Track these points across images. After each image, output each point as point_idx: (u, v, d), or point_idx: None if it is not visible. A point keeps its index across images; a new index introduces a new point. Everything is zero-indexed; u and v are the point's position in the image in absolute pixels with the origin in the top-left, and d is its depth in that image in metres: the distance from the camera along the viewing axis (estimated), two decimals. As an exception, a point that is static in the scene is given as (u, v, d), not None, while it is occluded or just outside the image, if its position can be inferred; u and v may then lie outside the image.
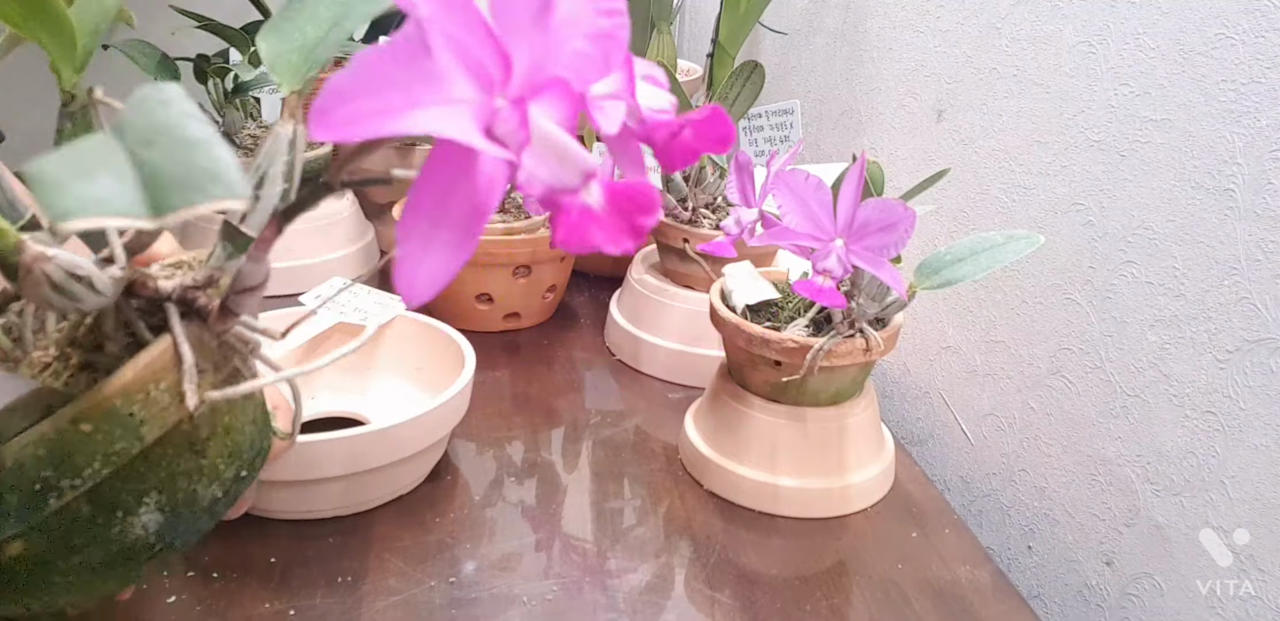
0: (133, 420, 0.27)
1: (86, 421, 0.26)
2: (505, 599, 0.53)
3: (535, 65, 0.20)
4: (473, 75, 0.19)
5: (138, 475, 0.28)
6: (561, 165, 0.21)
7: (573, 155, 0.21)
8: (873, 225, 0.52)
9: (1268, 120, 0.49)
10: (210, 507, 0.31)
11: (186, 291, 0.29)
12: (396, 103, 0.18)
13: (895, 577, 0.57)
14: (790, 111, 0.79)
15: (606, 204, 0.22)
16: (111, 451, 0.27)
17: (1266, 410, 0.50)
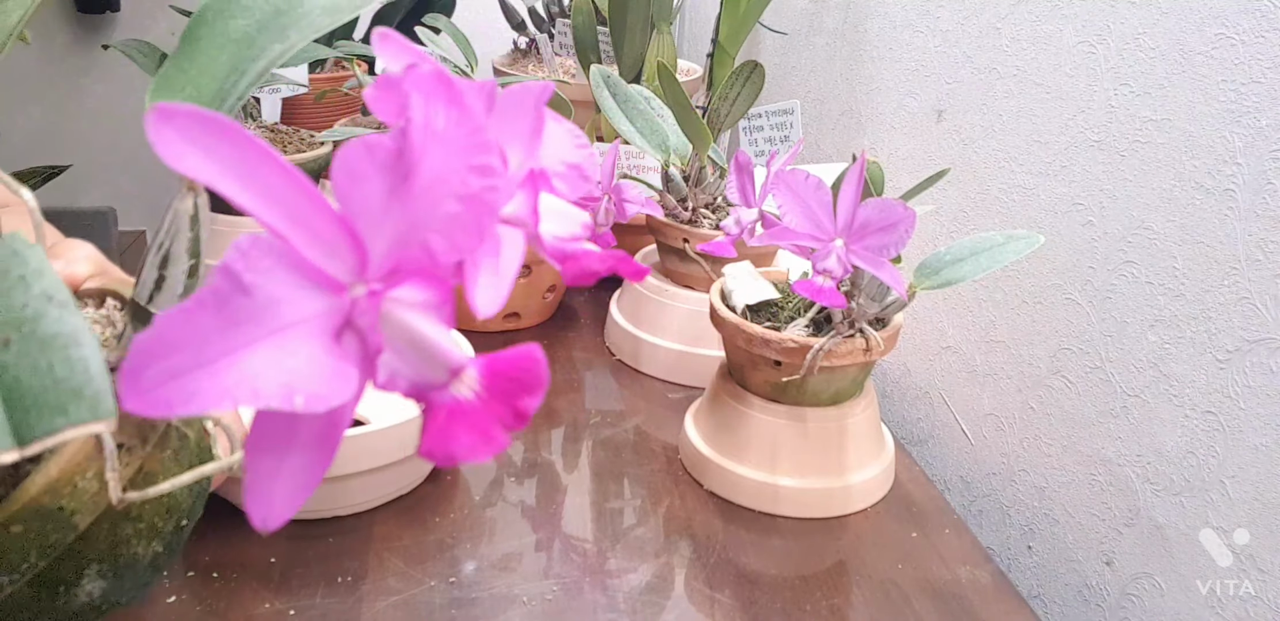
0: (63, 513, 0.26)
1: (17, 523, 0.25)
2: (505, 599, 0.53)
3: (396, 241, 0.18)
4: (311, 280, 0.17)
5: (76, 554, 0.27)
6: (425, 361, 0.18)
7: (437, 349, 0.18)
8: (873, 225, 0.52)
9: (1268, 120, 0.49)
10: (153, 562, 0.31)
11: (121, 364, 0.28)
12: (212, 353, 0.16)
13: (895, 577, 0.57)
14: (790, 111, 0.79)
15: (483, 390, 0.19)
16: (47, 544, 0.26)
17: (1266, 410, 0.50)
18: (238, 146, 0.16)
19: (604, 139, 0.98)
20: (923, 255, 0.57)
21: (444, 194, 0.18)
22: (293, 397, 0.16)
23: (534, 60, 1.22)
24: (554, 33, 1.18)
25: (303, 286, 0.17)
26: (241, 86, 0.25)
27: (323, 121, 1.09)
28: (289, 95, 0.99)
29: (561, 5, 1.20)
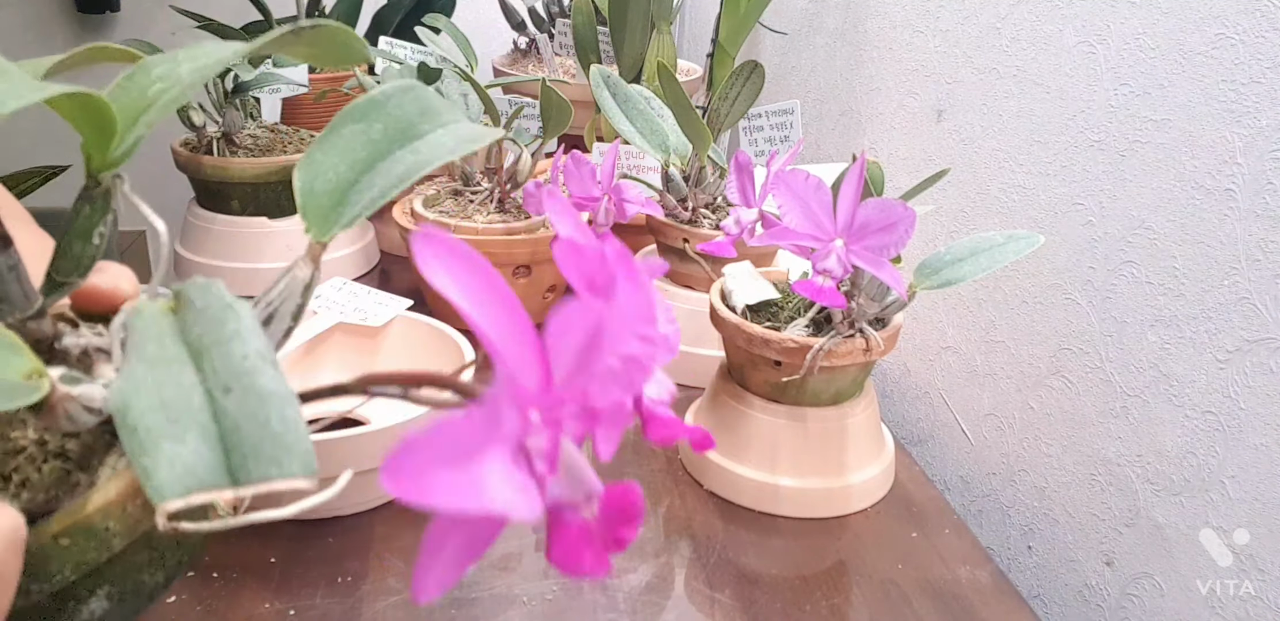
0: (107, 534, 0.28)
1: (65, 536, 0.27)
2: (505, 599, 0.53)
3: (569, 383, 0.21)
4: (521, 401, 0.20)
5: (98, 573, 0.29)
6: (574, 486, 0.22)
7: (586, 477, 0.22)
8: (873, 225, 0.52)
9: (1268, 120, 0.49)
10: (152, 591, 0.32)
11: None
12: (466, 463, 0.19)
13: (895, 577, 0.57)
14: (790, 111, 0.79)
15: (599, 515, 0.23)
16: (83, 561, 0.27)
17: (1266, 410, 0.50)
18: (477, 273, 0.20)
19: (604, 139, 0.98)
20: (923, 255, 0.57)
21: (612, 352, 0.21)
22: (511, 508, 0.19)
23: (534, 60, 1.23)
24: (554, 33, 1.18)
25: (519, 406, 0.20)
26: (377, 184, 0.28)
27: (323, 121, 1.09)
28: (289, 95, 0.99)
29: (561, 5, 1.20)
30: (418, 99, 0.30)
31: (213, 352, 0.20)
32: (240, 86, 0.91)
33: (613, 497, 0.23)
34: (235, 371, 0.20)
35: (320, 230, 0.28)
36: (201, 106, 0.91)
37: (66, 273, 0.29)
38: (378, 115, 0.29)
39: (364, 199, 0.28)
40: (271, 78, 0.92)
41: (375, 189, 0.28)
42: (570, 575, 0.22)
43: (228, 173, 0.87)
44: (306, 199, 0.28)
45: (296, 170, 0.28)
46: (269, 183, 0.89)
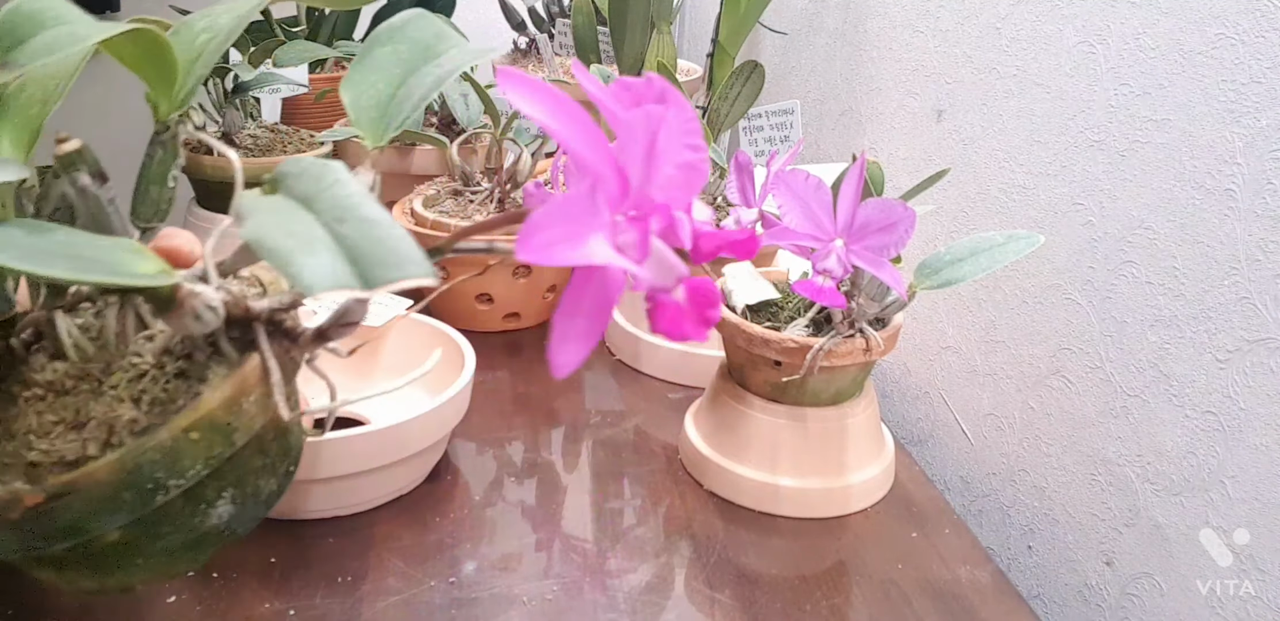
0: (229, 428, 0.31)
1: (195, 430, 0.30)
2: (505, 599, 0.53)
3: (642, 188, 0.26)
4: (610, 204, 0.25)
5: (221, 473, 0.32)
6: (664, 272, 0.26)
7: (672, 263, 0.26)
8: (873, 225, 0.52)
9: (1268, 120, 0.49)
10: (267, 499, 0.36)
11: (274, 313, 0.32)
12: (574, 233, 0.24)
13: (895, 577, 0.57)
14: (790, 111, 0.79)
15: (687, 300, 0.27)
16: (210, 455, 0.31)
17: (1266, 410, 0.50)
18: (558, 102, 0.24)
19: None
20: (923, 255, 0.57)
21: (670, 161, 0.26)
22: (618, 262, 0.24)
23: (534, 60, 1.22)
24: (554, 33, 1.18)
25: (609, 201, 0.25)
26: (415, 93, 0.32)
27: (323, 121, 1.09)
28: (289, 95, 0.99)
29: (561, 5, 1.20)
30: (431, 24, 0.34)
31: (321, 197, 0.24)
32: (240, 86, 0.91)
33: (695, 286, 0.27)
34: (344, 206, 0.24)
35: (375, 138, 0.31)
36: (201, 106, 0.91)
37: (148, 217, 0.33)
38: (401, 38, 0.33)
39: (405, 107, 0.32)
40: (271, 78, 0.92)
41: (414, 97, 0.32)
42: (678, 339, 0.27)
43: (228, 173, 0.87)
44: (357, 113, 0.31)
45: (343, 90, 0.31)
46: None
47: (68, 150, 0.30)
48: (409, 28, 0.34)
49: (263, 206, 0.24)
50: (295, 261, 0.22)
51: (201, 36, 0.32)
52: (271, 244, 0.22)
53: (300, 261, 0.22)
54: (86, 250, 0.25)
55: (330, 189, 0.24)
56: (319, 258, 0.22)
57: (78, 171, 0.30)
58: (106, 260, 0.25)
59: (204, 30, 0.32)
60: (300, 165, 0.26)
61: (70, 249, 0.24)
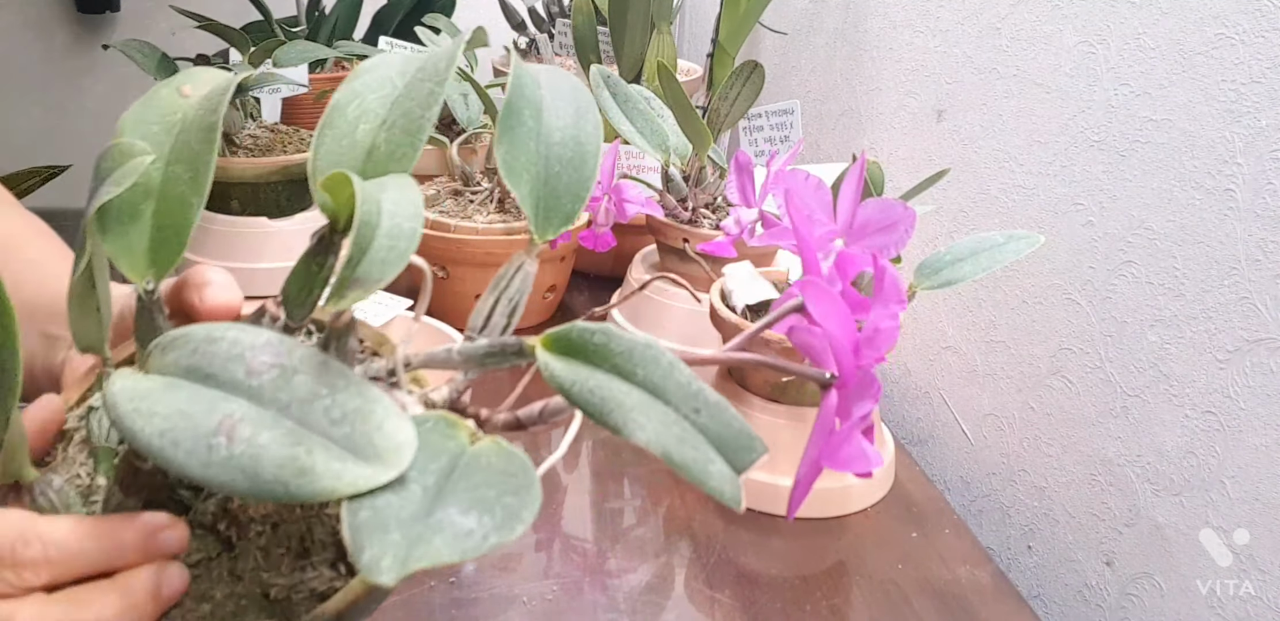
0: None
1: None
2: (505, 599, 0.53)
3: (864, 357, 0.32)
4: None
5: None
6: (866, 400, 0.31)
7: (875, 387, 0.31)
8: (873, 225, 0.52)
9: (1268, 120, 0.49)
10: None
11: (455, 403, 0.31)
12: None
13: (895, 577, 0.57)
14: (790, 111, 0.79)
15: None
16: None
17: (1266, 410, 0.50)
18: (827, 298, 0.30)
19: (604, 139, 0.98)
20: (923, 255, 0.57)
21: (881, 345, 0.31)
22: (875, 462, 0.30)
23: (534, 60, 1.23)
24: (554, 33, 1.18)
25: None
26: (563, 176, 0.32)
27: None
28: (289, 95, 0.99)
29: (561, 5, 1.20)
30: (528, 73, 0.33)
31: (668, 387, 0.26)
32: (240, 86, 0.91)
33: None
34: (691, 395, 0.26)
35: (540, 230, 0.31)
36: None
37: (299, 317, 0.32)
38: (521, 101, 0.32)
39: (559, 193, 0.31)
40: (271, 78, 0.92)
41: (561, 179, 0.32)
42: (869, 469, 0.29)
43: (228, 173, 0.87)
44: (525, 204, 0.31)
45: (506, 178, 0.31)
46: (269, 183, 0.89)
47: (347, 320, 0.29)
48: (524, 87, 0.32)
49: (618, 397, 0.25)
50: (709, 475, 0.25)
51: (361, 127, 0.31)
52: (680, 458, 0.25)
53: (711, 474, 0.25)
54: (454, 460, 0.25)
55: (672, 376, 0.26)
56: (715, 465, 0.25)
57: (347, 339, 0.29)
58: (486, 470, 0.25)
59: (359, 119, 0.31)
60: (620, 340, 0.26)
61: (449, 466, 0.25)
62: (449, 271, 0.80)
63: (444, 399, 0.31)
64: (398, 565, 0.21)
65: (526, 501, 0.23)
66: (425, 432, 0.25)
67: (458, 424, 0.26)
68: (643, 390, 0.26)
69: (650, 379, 0.26)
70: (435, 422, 0.26)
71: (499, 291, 0.32)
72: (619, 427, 0.25)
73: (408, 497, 0.23)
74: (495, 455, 0.25)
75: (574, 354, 0.27)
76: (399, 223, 0.26)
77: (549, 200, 0.31)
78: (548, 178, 0.31)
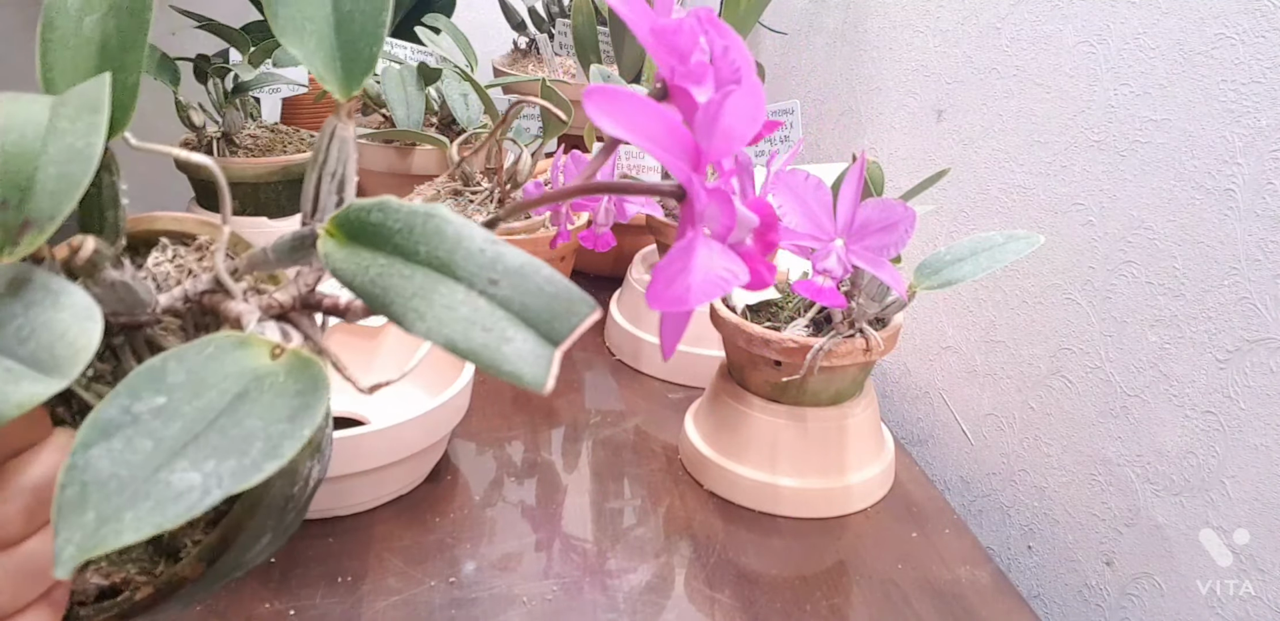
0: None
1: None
2: (505, 599, 0.53)
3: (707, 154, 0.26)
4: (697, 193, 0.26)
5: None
6: (744, 228, 0.27)
7: (747, 218, 0.27)
8: (873, 225, 0.52)
9: (1268, 120, 0.49)
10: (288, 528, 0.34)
11: (305, 299, 0.30)
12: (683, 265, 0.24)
13: (895, 577, 0.57)
14: (790, 111, 0.79)
15: (755, 242, 0.28)
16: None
17: (1266, 410, 0.50)
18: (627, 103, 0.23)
19: (604, 139, 0.98)
20: (923, 255, 0.57)
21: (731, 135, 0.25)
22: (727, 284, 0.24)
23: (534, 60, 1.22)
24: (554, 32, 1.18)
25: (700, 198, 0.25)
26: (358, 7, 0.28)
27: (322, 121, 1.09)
28: (289, 95, 0.99)
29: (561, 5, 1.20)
30: None
31: (456, 260, 0.22)
32: (240, 86, 0.91)
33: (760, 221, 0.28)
34: (486, 264, 0.22)
35: (343, 89, 0.27)
36: (201, 106, 0.91)
37: (113, 239, 0.30)
38: None
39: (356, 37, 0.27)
40: (271, 78, 0.92)
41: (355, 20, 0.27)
42: (759, 288, 0.27)
43: (228, 173, 0.87)
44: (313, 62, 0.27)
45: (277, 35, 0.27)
46: (269, 183, 0.89)
47: (88, 254, 0.26)
48: None
49: (398, 284, 0.22)
50: (503, 358, 0.21)
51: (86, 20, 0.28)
52: (466, 345, 0.21)
53: (506, 356, 0.21)
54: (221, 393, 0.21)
55: (461, 245, 0.22)
56: (515, 342, 0.21)
57: (102, 271, 0.27)
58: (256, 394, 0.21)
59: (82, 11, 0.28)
60: (396, 215, 0.23)
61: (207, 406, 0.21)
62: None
63: (291, 297, 0.28)
64: (78, 554, 0.18)
65: (299, 426, 0.20)
66: (199, 362, 0.22)
67: (250, 343, 0.23)
68: (428, 269, 0.22)
69: (435, 254, 0.22)
70: (215, 348, 0.22)
71: (318, 168, 0.28)
72: (398, 319, 0.21)
73: (130, 458, 0.19)
74: (286, 373, 0.22)
75: (355, 239, 0.23)
76: (72, 142, 0.23)
77: (346, 48, 0.27)
78: (339, 22, 0.27)
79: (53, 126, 0.23)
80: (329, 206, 0.28)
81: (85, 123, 0.23)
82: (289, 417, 0.20)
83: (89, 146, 0.23)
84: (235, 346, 0.23)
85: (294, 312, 0.29)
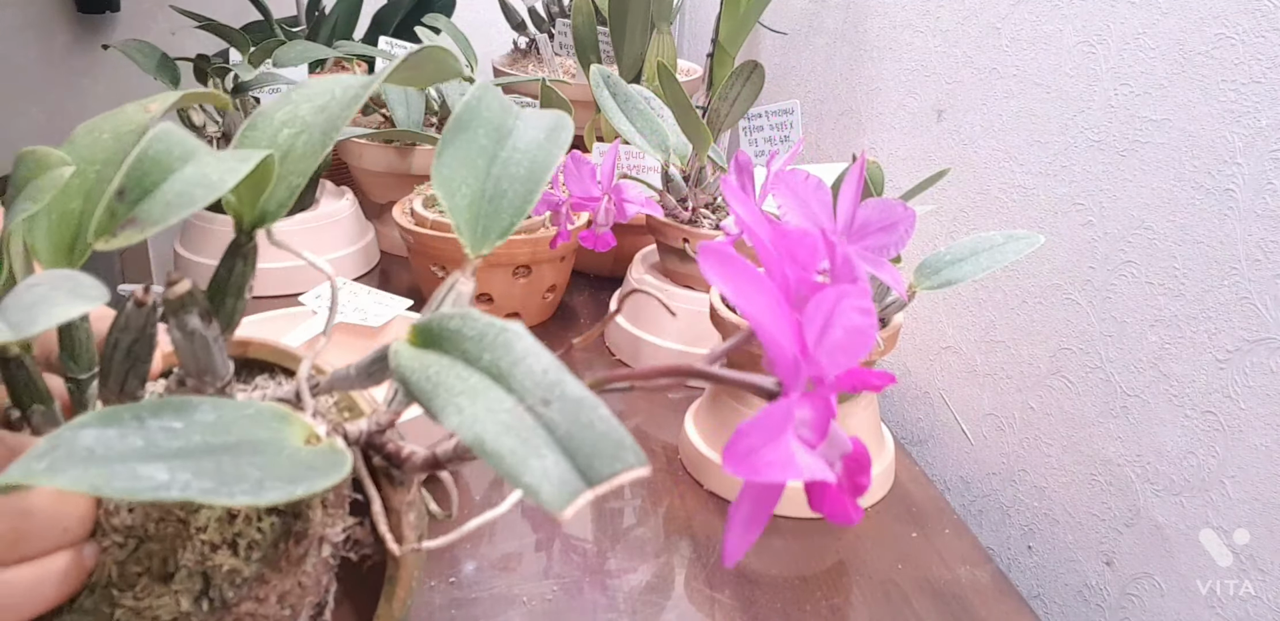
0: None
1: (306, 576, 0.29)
2: (505, 599, 0.53)
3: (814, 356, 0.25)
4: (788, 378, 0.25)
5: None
6: (833, 448, 0.26)
7: (842, 440, 0.26)
8: (872, 225, 0.52)
9: (1268, 120, 0.49)
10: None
11: (372, 436, 0.29)
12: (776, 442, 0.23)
13: (895, 577, 0.57)
14: (790, 111, 0.79)
15: (844, 474, 0.27)
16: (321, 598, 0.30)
17: (1266, 410, 0.50)
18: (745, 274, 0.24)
19: (604, 139, 0.98)
20: (923, 255, 0.57)
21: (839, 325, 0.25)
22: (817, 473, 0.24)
23: (534, 60, 1.22)
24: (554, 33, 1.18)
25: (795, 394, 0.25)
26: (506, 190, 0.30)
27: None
28: (289, 95, 0.99)
29: (561, 5, 1.20)
30: (495, 96, 0.31)
31: (515, 374, 0.22)
32: (240, 86, 0.91)
33: (851, 459, 0.27)
34: (544, 385, 0.21)
35: (474, 246, 0.29)
36: (202, 106, 0.91)
37: (222, 328, 0.30)
38: (475, 120, 0.30)
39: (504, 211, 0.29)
40: (271, 78, 0.92)
41: (507, 197, 0.29)
42: (842, 523, 0.26)
43: (228, 173, 0.87)
44: (455, 216, 0.29)
45: (435, 186, 0.29)
46: (269, 183, 0.89)
47: (180, 293, 0.26)
48: (483, 105, 0.30)
49: (450, 382, 0.22)
50: (528, 469, 0.20)
51: (283, 131, 0.29)
52: (494, 446, 0.20)
53: (532, 469, 0.20)
54: (239, 442, 0.21)
55: (524, 361, 0.22)
56: (546, 460, 0.20)
57: (188, 314, 0.27)
58: (271, 453, 0.21)
59: (284, 124, 0.29)
60: (474, 325, 0.23)
61: (218, 443, 0.21)
62: (449, 271, 0.80)
63: (360, 431, 0.28)
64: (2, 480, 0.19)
65: (294, 485, 0.20)
66: (234, 415, 0.22)
67: (292, 420, 0.23)
68: (485, 375, 0.22)
69: (496, 363, 0.22)
70: (259, 411, 0.23)
71: (431, 313, 0.29)
72: (437, 412, 0.21)
73: (114, 444, 0.20)
74: (312, 451, 0.23)
75: (430, 343, 0.24)
76: (207, 172, 0.24)
77: (490, 216, 0.29)
78: (494, 195, 0.29)
79: (199, 157, 0.24)
80: None
81: (230, 164, 0.24)
82: (289, 478, 0.20)
83: (221, 181, 0.23)
84: (277, 417, 0.23)
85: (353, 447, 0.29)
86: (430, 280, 0.83)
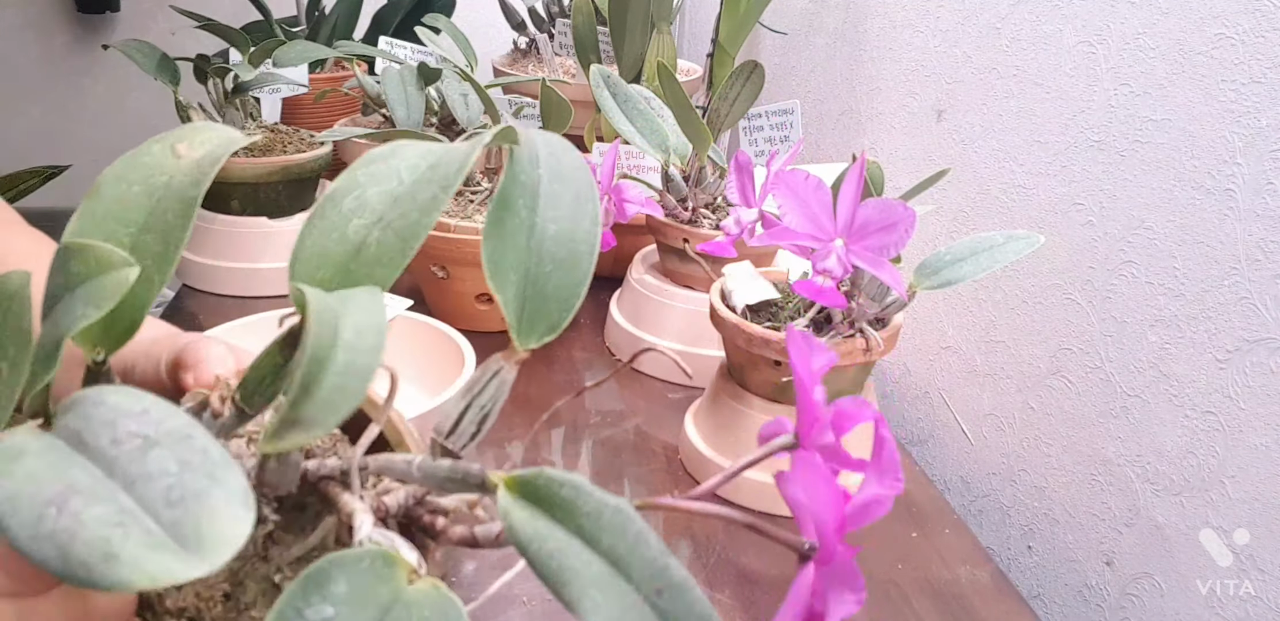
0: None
1: None
2: (505, 599, 0.53)
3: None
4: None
5: None
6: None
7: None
8: (873, 225, 0.52)
9: (1268, 120, 0.49)
10: None
11: (410, 509, 0.30)
12: None
13: (895, 577, 0.57)
14: (790, 111, 0.79)
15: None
16: None
17: (1266, 410, 0.50)
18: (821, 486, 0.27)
19: (604, 139, 0.98)
20: (923, 255, 0.57)
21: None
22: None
23: (534, 60, 1.22)
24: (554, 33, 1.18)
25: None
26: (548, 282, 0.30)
27: (322, 121, 1.09)
28: (289, 95, 0.99)
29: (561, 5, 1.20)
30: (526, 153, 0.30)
31: (633, 562, 0.23)
32: (240, 86, 0.91)
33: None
34: (655, 572, 0.23)
35: (523, 341, 0.29)
36: (201, 106, 0.91)
37: (257, 406, 0.30)
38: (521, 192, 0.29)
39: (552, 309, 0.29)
40: (271, 78, 0.92)
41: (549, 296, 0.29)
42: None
43: (228, 173, 0.87)
44: (509, 313, 0.28)
45: (490, 279, 0.28)
46: (269, 183, 0.89)
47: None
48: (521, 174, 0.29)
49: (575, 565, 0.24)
50: None
51: (353, 222, 0.28)
52: None
53: None
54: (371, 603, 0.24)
55: (638, 549, 0.23)
56: None
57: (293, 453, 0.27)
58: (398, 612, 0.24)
59: (353, 213, 0.28)
60: (588, 500, 0.24)
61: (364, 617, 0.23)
62: (449, 271, 0.80)
63: (399, 504, 0.29)
64: None
65: None
66: (357, 575, 0.23)
67: (395, 562, 0.25)
68: (605, 561, 0.23)
69: (615, 549, 0.23)
70: (371, 562, 0.24)
71: (471, 397, 0.29)
72: (572, 603, 0.23)
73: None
74: (430, 607, 0.24)
75: (538, 503, 0.25)
76: (354, 358, 0.23)
77: (535, 303, 0.29)
78: (537, 277, 0.29)
79: (340, 337, 0.24)
80: (466, 434, 0.29)
81: (369, 343, 0.24)
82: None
83: (368, 367, 0.23)
84: (386, 564, 0.24)
85: (389, 520, 0.29)
86: (430, 280, 0.83)
